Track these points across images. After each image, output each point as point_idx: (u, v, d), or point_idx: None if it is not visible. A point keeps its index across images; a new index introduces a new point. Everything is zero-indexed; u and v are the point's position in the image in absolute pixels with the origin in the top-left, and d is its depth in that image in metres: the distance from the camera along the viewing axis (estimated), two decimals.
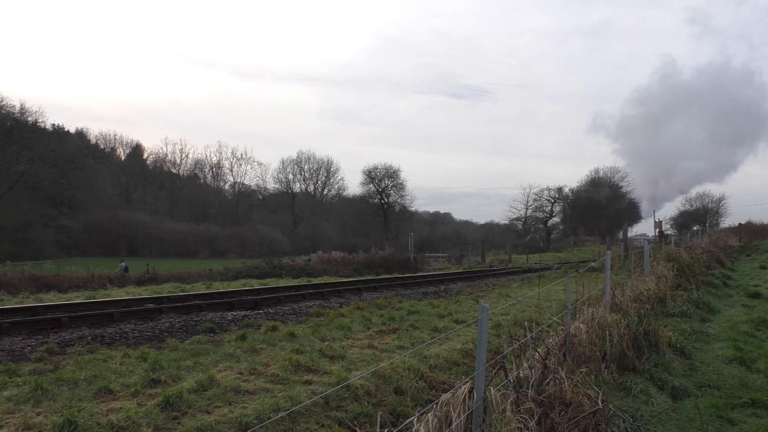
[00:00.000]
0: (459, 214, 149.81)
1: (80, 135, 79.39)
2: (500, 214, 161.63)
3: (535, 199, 75.42)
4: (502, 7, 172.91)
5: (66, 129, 75.79)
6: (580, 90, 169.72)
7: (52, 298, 14.93)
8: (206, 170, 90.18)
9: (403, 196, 73.85)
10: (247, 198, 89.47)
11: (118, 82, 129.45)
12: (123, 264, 30.57)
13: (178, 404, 5.32)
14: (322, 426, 5.27)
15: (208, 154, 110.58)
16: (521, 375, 4.66)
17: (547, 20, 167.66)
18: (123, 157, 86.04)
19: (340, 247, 46.69)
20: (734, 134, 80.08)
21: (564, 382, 4.68)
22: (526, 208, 75.96)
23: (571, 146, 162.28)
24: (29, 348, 8.61)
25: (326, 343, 8.52)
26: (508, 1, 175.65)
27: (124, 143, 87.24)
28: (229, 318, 11.79)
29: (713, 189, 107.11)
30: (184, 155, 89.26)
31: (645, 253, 13.86)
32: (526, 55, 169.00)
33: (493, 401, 3.98)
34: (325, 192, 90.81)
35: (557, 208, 76.65)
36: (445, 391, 5.59)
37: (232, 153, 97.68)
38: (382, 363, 7.13)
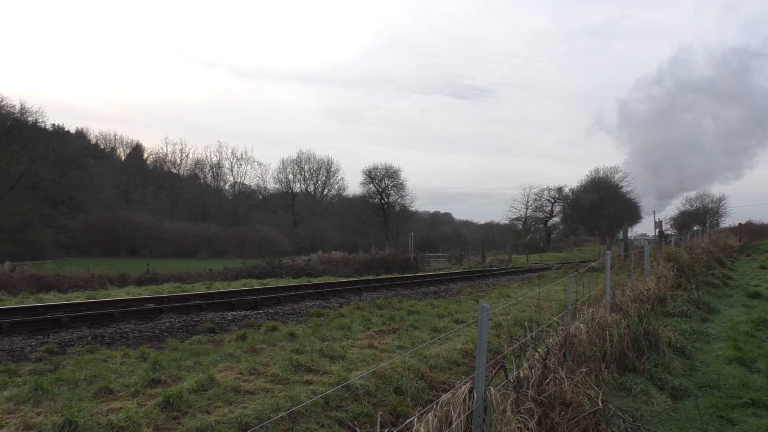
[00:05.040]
0: (459, 214, 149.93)
1: (80, 135, 79.47)
2: (500, 214, 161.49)
3: (535, 199, 75.51)
4: (506, 7, 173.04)
5: (66, 129, 75.94)
6: (582, 90, 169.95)
7: (52, 298, 14.93)
8: (206, 170, 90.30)
9: (403, 196, 73.92)
10: (247, 198, 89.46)
11: (118, 82, 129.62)
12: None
13: (178, 404, 5.32)
14: (322, 426, 5.27)
15: (208, 154, 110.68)
16: (521, 375, 4.66)
17: (550, 20, 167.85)
18: (123, 157, 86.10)
19: (340, 247, 46.72)
20: (745, 129, 79.39)
21: (564, 382, 4.68)
22: (526, 208, 76.02)
23: (572, 146, 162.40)
24: (29, 348, 8.61)
25: (326, 343, 8.52)
26: (511, 1, 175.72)
27: (124, 143, 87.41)
28: (229, 318, 11.79)
29: (717, 188, 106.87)
30: (184, 155, 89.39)
31: (645, 253, 13.86)
32: (529, 55, 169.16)
33: (494, 401, 3.98)
34: (325, 192, 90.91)
35: (557, 208, 76.73)
36: (445, 391, 5.59)
37: (232, 153, 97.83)
38: (382, 363, 7.12)
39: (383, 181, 72.21)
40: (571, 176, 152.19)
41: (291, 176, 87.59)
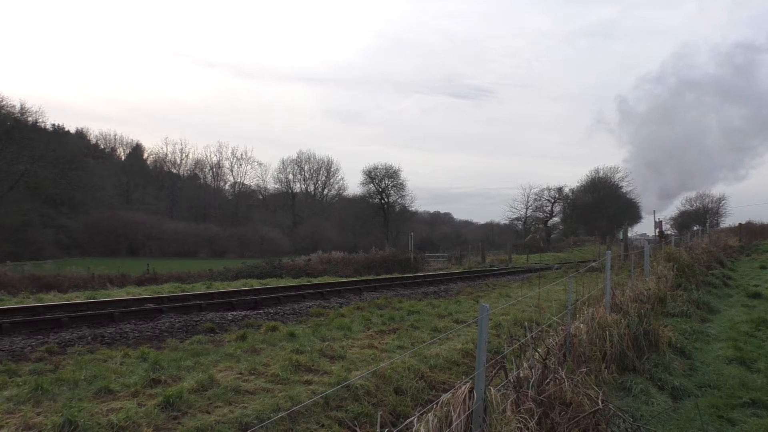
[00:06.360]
0: (459, 214, 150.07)
1: (80, 135, 79.46)
2: (500, 214, 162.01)
3: (535, 199, 75.66)
4: (506, 7, 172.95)
5: (66, 129, 75.94)
6: (583, 90, 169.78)
7: (52, 298, 14.93)
8: (206, 170, 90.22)
9: (403, 196, 74.08)
10: (247, 198, 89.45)
11: (118, 82, 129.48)
12: None
13: (178, 404, 5.32)
14: (322, 426, 5.27)
15: (208, 154, 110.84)
16: (521, 375, 4.66)
17: (551, 20, 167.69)
18: (123, 157, 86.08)
19: (340, 247, 46.66)
20: (750, 128, 78.36)
21: (564, 382, 4.67)
22: (527, 208, 76.18)
23: (572, 146, 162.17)
24: (29, 348, 8.61)
25: (326, 343, 8.52)
26: (511, 1, 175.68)
27: (124, 143, 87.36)
28: (229, 318, 11.79)
29: (720, 189, 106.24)
30: (184, 155, 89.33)
31: (645, 253, 13.86)
32: (530, 55, 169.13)
33: (494, 401, 3.98)
34: (325, 192, 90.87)
35: (557, 208, 76.82)
36: (445, 391, 5.59)
37: (232, 153, 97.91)
38: (382, 363, 7.13)
39: (383, 181, 72.36)
40: (571, 176, 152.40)
41: (291, 176, 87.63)
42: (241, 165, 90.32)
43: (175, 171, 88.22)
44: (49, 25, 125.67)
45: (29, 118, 59.95)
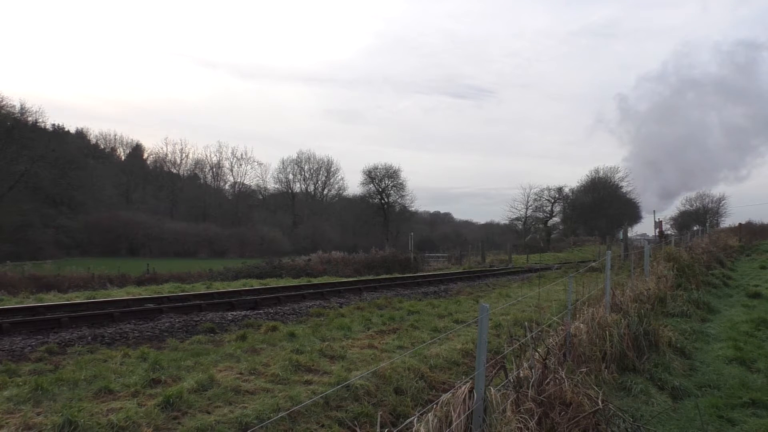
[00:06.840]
0: (459, 214, 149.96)
1: (80, 135, 79.48)
2: (500, 214, 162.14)
3: (535, 199, 75.53)
4: (507, 7, 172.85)
5: (66, 129, 75.93)
6: (584, 90, 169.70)
7: (52, 298, 14.93)
8: (206, 170, 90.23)
9: (403, 196, 73.98)
10: (247, 198, 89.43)
11: (118, 82, 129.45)
12: None
13: (178, 404, 5.32)
14: (322, 426, 5.28)
15: (208, 154, 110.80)
16: (521, 375, 4.66)
17: (552, 20, 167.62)
18: (123, 157, 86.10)
19: (340, 247, 46.67)
20: (752, 127, 77.87)
21: (564, 382, 4.68)
22: (527, 208, 76.05)
23: (572, 146, 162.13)
24: (29, 348, 8.61)
25: (326, 343, 8.52)
26: (512, 1, 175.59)
27: (124, 143, 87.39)
28: (229, 318, 11.79)
29: (721, 189, 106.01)
30: (184, 155, 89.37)
31: (645, 253, 13.86)
32: (531, 55, 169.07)
33: (494, 401, 3.98)
34: (325, 192, 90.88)
35: (557, 208, 76.74)
36: (445, 391, 5.59)
37: (232, 153, 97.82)
38: (382, 363, 7.13)
39: (383, 181, 72.26)
40: (572, 176, 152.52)
41: (291, 176, 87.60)
42: (241, 165, 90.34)
43: (175, 171, 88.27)
44: (50, 26, 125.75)
45: (29, 118, 59.99)
